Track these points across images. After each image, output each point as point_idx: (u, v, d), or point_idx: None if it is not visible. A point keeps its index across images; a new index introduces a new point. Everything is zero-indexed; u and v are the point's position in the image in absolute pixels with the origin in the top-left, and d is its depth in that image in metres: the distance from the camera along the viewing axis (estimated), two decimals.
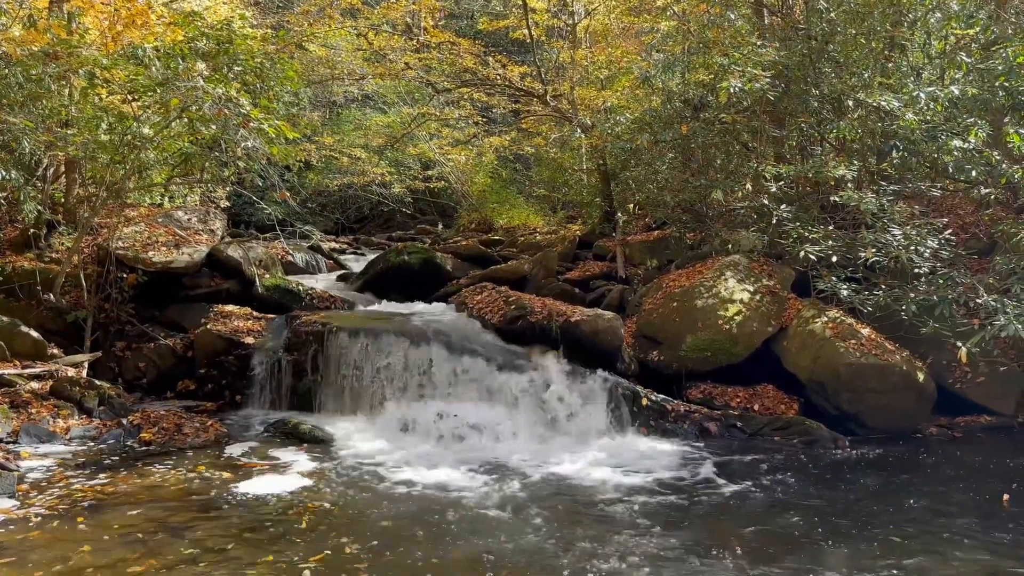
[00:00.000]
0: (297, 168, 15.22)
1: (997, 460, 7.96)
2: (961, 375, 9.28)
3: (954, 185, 10.60)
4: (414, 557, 5.12)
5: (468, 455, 7.71)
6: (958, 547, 5.55)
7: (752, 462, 7.76)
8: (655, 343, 9.95)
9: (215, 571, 4.79)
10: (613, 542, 5.51)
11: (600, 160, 14.28)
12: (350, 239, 19.75)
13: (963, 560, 5.30)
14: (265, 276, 11.27)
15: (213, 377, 9.34)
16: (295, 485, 6.58)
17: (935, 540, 5.67)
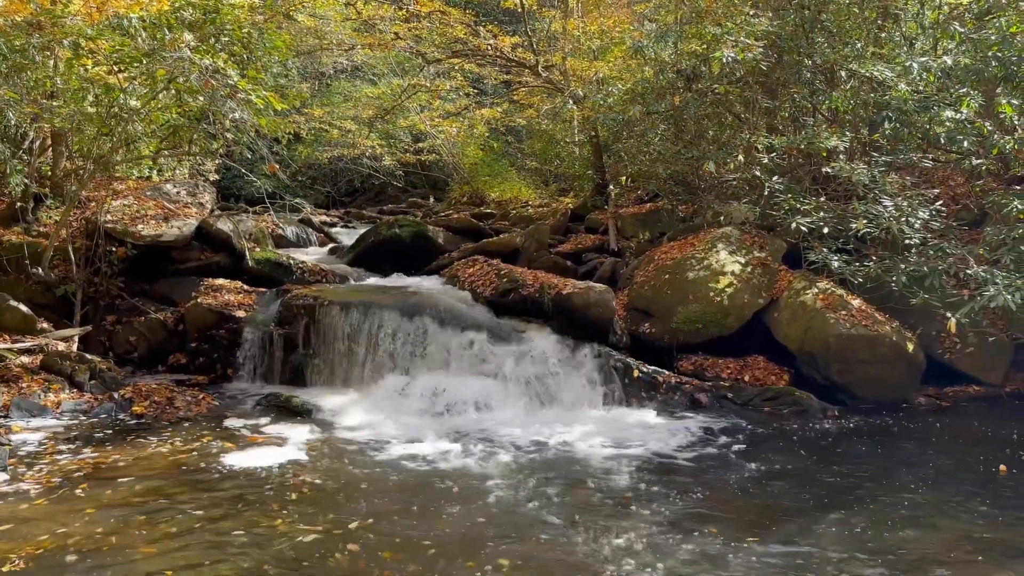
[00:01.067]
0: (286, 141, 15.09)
1: (985, 429, 8.04)
2: (950, 345, 9.33)
3: (946, 156, 10.58)
4: (407, 528, 5.15)
5: (460, 427, 7.74)
6: (946, 515, 5.61)
7: (742, 432, 7.82)
8: (647, 315, 9.97)
9: (207, 543, 4.81)
10: (604, 512, 5.56)
11: (592, 132, 14.19)
12: (341, 212, 19.66)
13: (950, 528, 5.37)
14: (255, 249, 11.22)
15: (204, 351, 9.32)
16: (287, 458, 6.59)
17: (923, 508, 5.74)
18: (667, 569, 4.61)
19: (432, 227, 12.95)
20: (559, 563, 4.67)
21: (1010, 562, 4.78)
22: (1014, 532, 5.26)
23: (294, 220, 14.46)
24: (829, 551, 4.94)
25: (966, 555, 4.89)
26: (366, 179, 22.30)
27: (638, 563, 4.68)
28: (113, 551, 4.64)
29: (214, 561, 4.53)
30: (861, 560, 4.80)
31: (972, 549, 4.98)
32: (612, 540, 5.04)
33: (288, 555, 4.67)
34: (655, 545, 4.96)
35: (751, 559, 4.78)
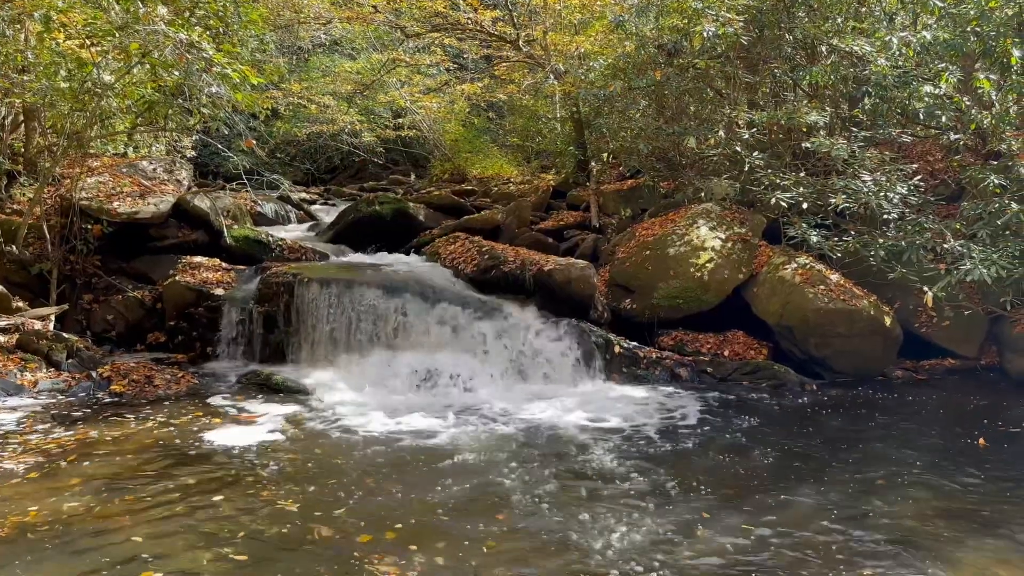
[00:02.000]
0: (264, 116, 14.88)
1: (960, 402, 8.17)
2: (927, 319, 9.45)
3: (924, 131, 10.64)
4: (390, 503, 5.17)
5: (442, 403, 7.76)
6: (921, 486, 5.70)
7: (721, 406, 7.89)
8: (628, 291, 10.00)
9: (189, 520, 4.80)
10: (585, 485, 5.60)
11: (574, 108, 14.14)
12: (321, 190, 19.47)
13: (926, 498, 5.46)
14: (233, 227, 11.12)
15: (183, 329, 9.25)
16: (270, 435, 6.58)
17: (899, 479, 5.83)
18: (642, 539, 4.66)
19: (413, 204, 12.88)
20: (535, 536, 4.70)
21: (984, 530, 4.87)
22: (988, 502, 5.36)
23: (273, 197, 14.31)
24: (805, 521, 5.01)
25: (941, 524, 4.97)
26: (346, 156, 22.09)
27: (612, 535, 4.72)
28: (93, 528, 4.62)
29: (193, 542, 4.52)
30: (837, 529, 4.87)
31: (947, 518, 5.07)
32: (589, 513, 5.07)
33: (267, 531, 4.67)
34: (631, 517, 5.01)
35: (727, 529, 4.84)
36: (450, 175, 18.06)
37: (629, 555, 4.44)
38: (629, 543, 4.60)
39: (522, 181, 15.92)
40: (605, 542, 4.62)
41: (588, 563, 4.35)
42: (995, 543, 4.68)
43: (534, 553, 4.45)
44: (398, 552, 4.39)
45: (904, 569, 4.31)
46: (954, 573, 4.28)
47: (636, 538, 4.68)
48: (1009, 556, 4.49)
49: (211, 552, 4.36)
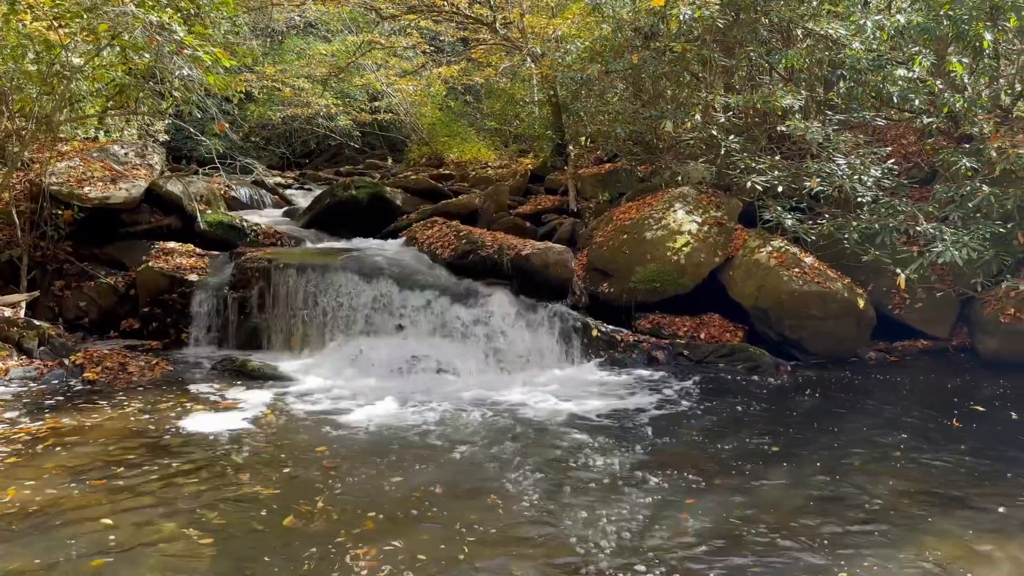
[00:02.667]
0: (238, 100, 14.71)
1: (932, 382, 8.29)
2: (900, 301, 9.56)
3: (898, 115, 10.72)
4: (368, 489, 5.16)
5: (420, 389, 7.74)
6: (894, 465, 5.79)
7: (698, 388, 7.95)
8: (605, 275, 10.02)
9: (163, 508, 4.77)
10: (562, 468, 5.62)
11: (551, 91, 14.08)
12: (296, 174, 19.29)
13: (898, 477, 5.54)
14: (207, 212, 10.99)
15: (157, 315, 9.15)
16: (245, 421, 6.54)
17: (872, 459, 5.91)
18: (619, 519, 4.69)
19: (390, 188, 12.80)
20: (516, 523, 4.72)
21: (958, 509, 4.95)
22: (961, 481, 5.45)
23: (247, 181, 14.15)
24: (782, 501, 5.07)
25: (916, 503, 5.05)
26: (322, 140, 21.90)
27: (592, 519, 4.75)
28: (65, 517, 4.57)
29: (166, 530, 4.49)
30: (814, 509, 4.94)
31: (922, 497, 5.15)
32: (568, 497, 5.10)
33: (241, 518, 4.65)
34: (608, 498, 5.05)
35: (703, 509, 4.88)
36: (427, 159, 17.97)
37: (610, 539, 4.47)
38: (609, 527, 4.63)
39: (500, 165, 15.87)
40: (585, 527, 4.64)
41: (569, 548, 4.37)
42: (969, 521, 4.76)
43: (515, 542, 4.47)
44: (376, 540, 4.39)
45: (880, 548, 4.38)
46: (929, 551, 4.35)
47: (615, 521, 4.71)
48: (983, 534, 4.57)
49: (183, 540, 4.33)
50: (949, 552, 4.35)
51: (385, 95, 18.85)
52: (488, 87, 18.63)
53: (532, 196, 13.68)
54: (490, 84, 18.21)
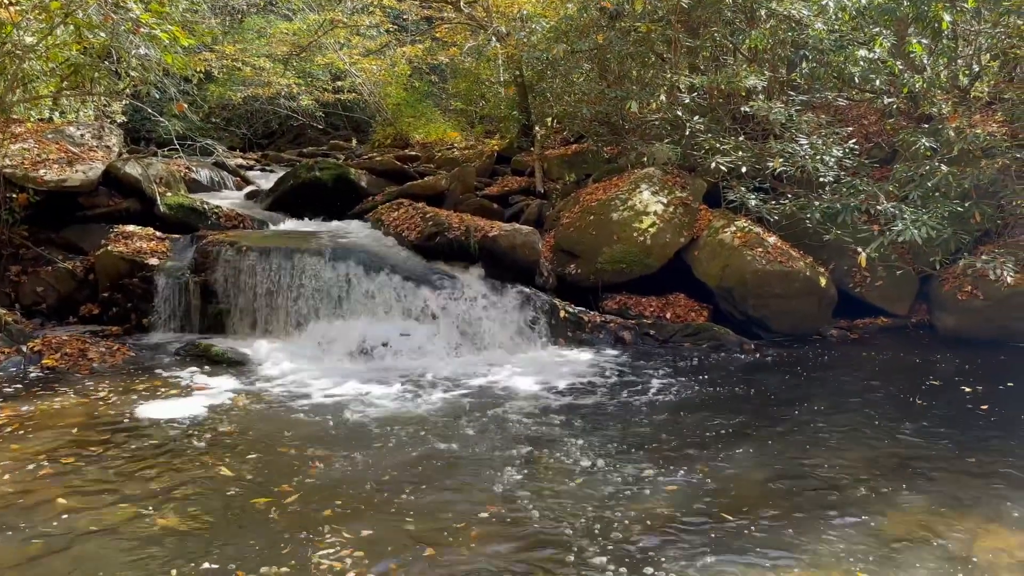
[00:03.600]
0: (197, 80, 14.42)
1: (892, 359, 8.47)
2: (861, 279, 9.73)
3: (859, 95, 10.87)
4: (335, 473, 5.14)
5: (388, 372, 7.71)
6: (855, 439, 5.91)
7: (664, 367, 8.03)
8: (573, 256, 10.05)
9: (125, 495, 4.70)
10: (530, 448, 5.65)
11: (517, 71, 14.00)
12: (258, 155, 18.97)
13: (859, 451, 5.66)
14: (167, 194, 10.78)
15: (118, 300, 8.98)
16: (209, 407, 6.46)
17: (835, 434, 6.03)
18: (586, 498, 4.73)
19: (355, 170, 12.65)
20: (482, 502, 4.73)
21: (917, 483, 5.07)
22: (921, 456, 5.58)
23: (208, 163, 13.89)
24: (744, 477, 5.16)
25: (876, 478, 5.16)
26: (284, 120, 21.56)
27: (560, 497, 4.78)
28: (23, 504, 4.48)
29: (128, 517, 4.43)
30: (775, 484, 5.03)
31: (882, 472, 5.26)
32: (535, 474, 5.13)
33: (206, 503, 4.60)
34: (575, 477, 5.08)
35: (670, 486, 4.94)
36: (392, 140, 17.77)
37: (577, 518, 4.51)
38: (576, 506, 4.67)
39: (466, 146, 15.77)
40: (552, 505, 4.67)
41: (536, 527, 4.40)
42: (927, 495, 4.87)
43: (483, 521, 4.48)
44: (342, 524, 4.38)
45: (841, 522, 4.47)
46: (889, 525, 4.45)
47: (582, 500, 4.75)
48: (940, 507, 4.69)
49: (145, 524, 4.28)
50: (910, 524, 4.45)
51: (348, 75, 18.57)
52: (453, 67, 18.46)
53: (499, 177, 13.62)
54: (455, 64, 18.05)
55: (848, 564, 3.97)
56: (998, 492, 4.90)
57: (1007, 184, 8.96)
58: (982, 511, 4.62)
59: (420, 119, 17.62)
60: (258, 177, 14.82)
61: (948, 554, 4.09)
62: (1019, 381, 7.46)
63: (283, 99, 19.06)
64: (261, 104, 19.69)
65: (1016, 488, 4.95)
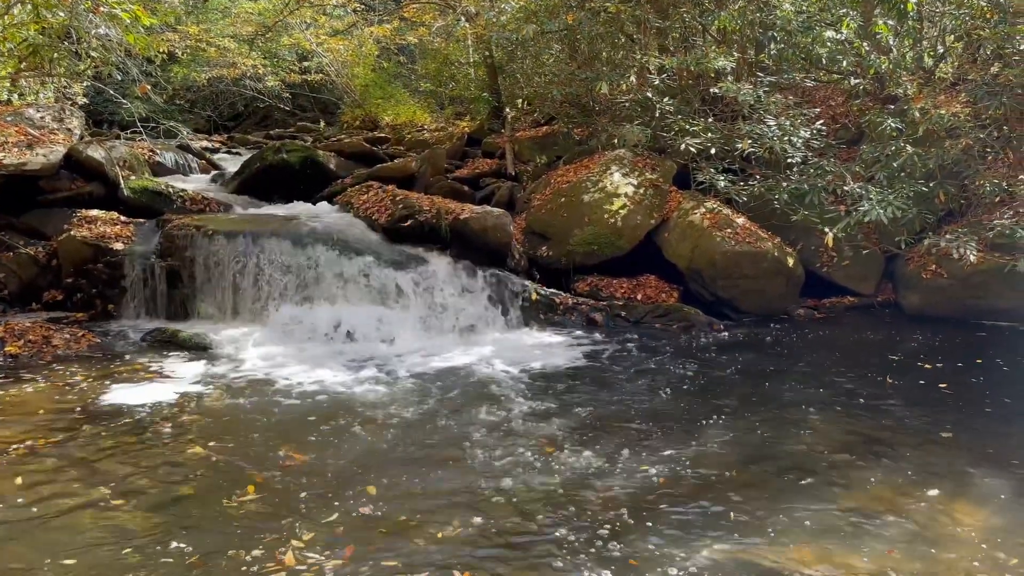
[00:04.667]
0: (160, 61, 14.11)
1: (858, 337, 8.60)
2: (828, 259, 9.85)
3: (827, 76, 10.95)
4: (306, 456, 5.11)
5: (359, 356, 7.67)
6: (821, 418, 6.01)
7: (634, 349, 8.08)
8: (544, 239, 10.05)
9: (90, 480, 4.63)
10: (503, 430, 5.66)
11: (486, 52, 13.91)
12: (224, 138, 18.67)
13: (825, 430, 5.76)
14: (131, 178, 10.57)
15: (82, 286, 8.81)
16: (176, 394, 6.38)
17: (802, 412, 6.12)
18: (557, 479, 4.76)
19: (323, 152, 12.49)
20: (457, 486, 4.74)
21: (882, 460, 5.17)
22: (885, 432, 5.69)
23: (172, 146, 13.63)
24: (712, 455, 5.22)
25: (842, 454, 5.25)
26: (250, 102, 21.23)
27: (529, 476, 4.81)
28: None
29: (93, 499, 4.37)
30: (743, 462, 5.09)
31: (847, 449, 5.36)
32: (505, 458, 5.15)
33: (172, 490, 4.55)
34: (547, 458, 5.11)
35: (639, 466, 4.99)
36: (361, 122, 17.59)
37: (548, 499, 4.53)
38: (547, 487, 4.69)
39: (436, 128, 15.66)
40: (522, 485, 4.69)
41: (509, 508, 4.42)
42: (892, 471, 4.97)
43: (454, 504, 4.49)
44: (310, 513, 4.35)
45: (808, 498, 4.54)
46: (853, 501, 4.53)
47: (552, 479, 4.78)
48: (904, 484, 4.79)
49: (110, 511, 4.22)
50: (875, 499, 4.54)
51: (315, 55, 18.32)
52: (422, 47, 18.29)
53: (469, 160, 13.56)
54: (424, 44, 17.88)
55: (816, 539, 4.04)
56: (960, 467, 5.01)
57: (970, 164, 9.11)
58: (945, 486, 4.72)
59: (389, 101, 17.46)
60: (224, 160, 14.59)
61: (913, 527, 4.18)
62: (981, 358, 7.62)
63: (249, 80, 18.73)
64: (226, 86, 19.35)
65: (978, 463, 5.06)
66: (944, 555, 3.89)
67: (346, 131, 17.22)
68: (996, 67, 9.24)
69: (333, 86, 19.62)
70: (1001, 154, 9.22)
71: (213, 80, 18.45)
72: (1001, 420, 5.93)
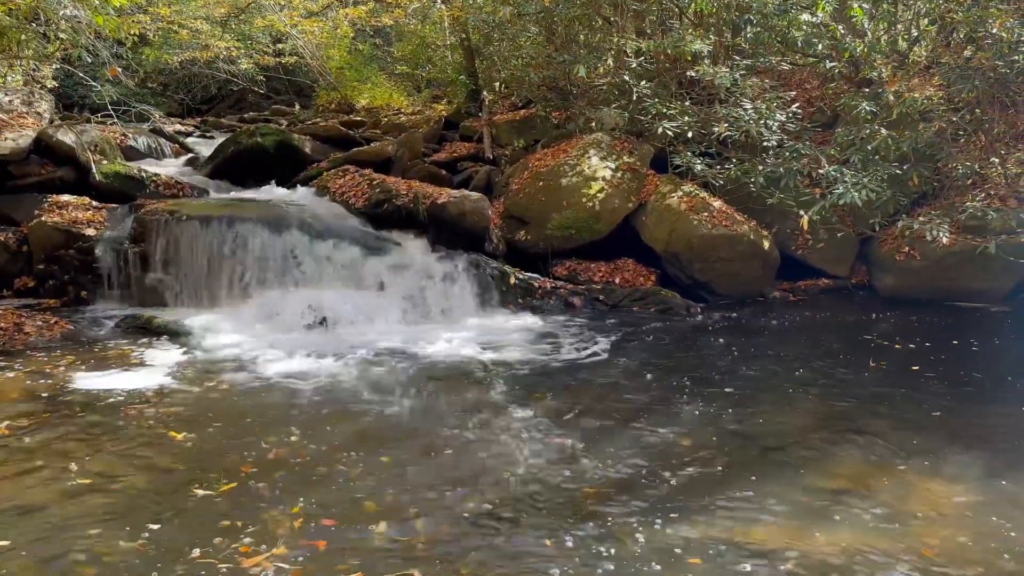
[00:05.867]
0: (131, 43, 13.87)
1: (831, 319, 8.70)
2: (803, 242, 9.93)
3: (802, 59, 10.99)
4: (283, 444, 5.08)
5: (336, 342, 7.63)
6: (797, 399, 6.08)
7: (613, 332, 8.12)
8: (522, 223, 10.04)
9: (59, 469, 4.57)
10: (479, 415, 5.66)
11: (463, 34, 13.81)
12: (197, 121, 18.40)
13: (801, 410, 5.83)
14: (102, 162, 10.41)
15: (54, 272, 8.68)
16: (151, 381, 6.31)
17: (777, 393, 6.18)
18: (537, 461, 4.77)
19: (298, 136, 12.36)
20: (432, 470, 4.75)
21: (857, 439, 5.22)
22: (861, 412, 5.75)
23: (144, 130, 13.42)
24: (688, 437, 5.26)
25: (818, 434, 5.31)
26: (223, 85, 20.93)
27: (509, 457, 4.82)
28: None
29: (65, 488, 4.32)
30: (719, 444, 5.14)
31: (823, 429, 5.42)
32: (481, 441, 5.16)
33: (145, 479, 4.49)
34: (525, 442, 5.11)
35: (615, 448, 5.02)
36: (337, 105, 17.43)
37: (522, 479, 4.54)
38: (521, 467, 4.71)
39: (413, 112, 15.56)
40: (504, 469, 4.71)
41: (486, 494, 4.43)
42: (865, 450, 5.03)
43: (430, 488, 4.49)
44: (283, 492, 4.33)
45: (783, 479, 4.59)
46: (829, 480, 4.59)
47: (528, 461, 4.79)
48: (879, 462, 4.85)
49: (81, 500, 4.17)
50: (847, 479, 4.60)
51: (289, 37, 18.09)
52: (398, 29, 18.11)
53: (447, 143, 13.48)
54: (400, 26, 17.71)
55: (791, 518, 4.09)
56: (932, 446, 5.08)
57: (943, 147, 9.20)
58: (917, 465, 4.80)
59: (365, 83, 17.31)
60: (198, 144, 14.39)
61: (885, 506, 4.24)
62: (952, 339, 7.75)
63: (222, 63, 18.46)
64: (199, 68, 19.06)
65: (950, 442, 5.15)
66: (918, 532, 3.96)
67: (321, 114, 17.04)
68: (969, 50, 9.33)
69: (308, 69, 19.40)
70: (973, 137, 9.33)
71: (185, 63, 18.17)
72: (975, 400, 6.03)
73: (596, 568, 3.58)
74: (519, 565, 3.63)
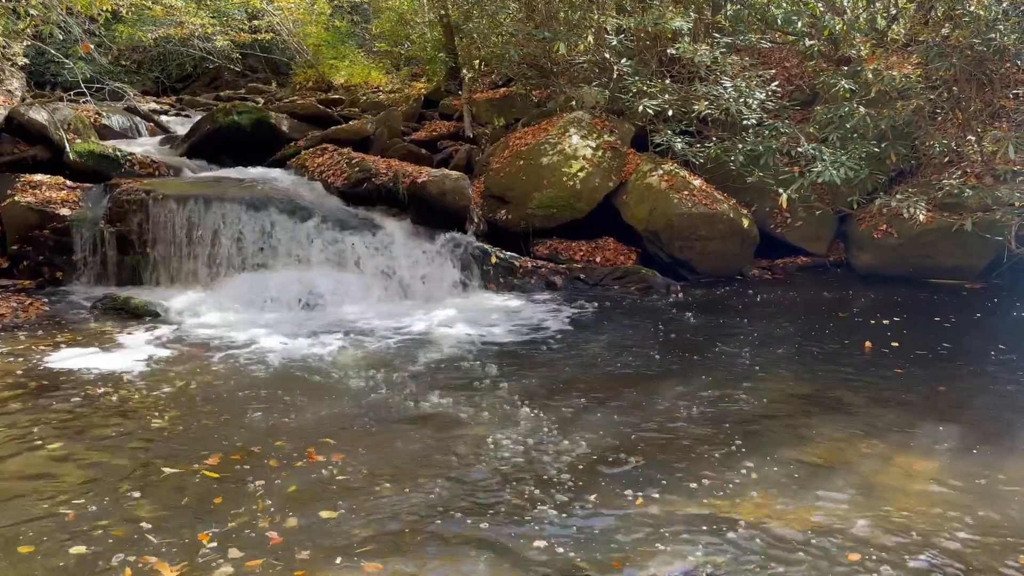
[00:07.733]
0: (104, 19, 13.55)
1: (809, 296, 8.78)
2: (782, 220, 9.99)
3: (782, 37, 10.99)
4: (263, 425, 5.06)
5: (316, 322, 7.60)
6: (776, 375, 6.14)
7: (593, 310, 8.15)
8: (503, 202, 10.01)
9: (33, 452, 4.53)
10: (460, 393, 5.67)
11: (442, 11, 13.66)
12: (172, 99, 18.11)
13: (780, 386, 5.89)
14: (76, 141, 10.24)
15: (28, 253, 8.57)
16: (129, 362, 6.25)
17: (755, 369, 6.25)
18: (519, 438, 4.79)
19: (275, 114, 12.21)
20: (413, 449, 4.75)
21: (834, 413, 5.31)
22: (837, 387, 5.84)
23: (119, 108, 13.21)
24: (670, 412, 5.31)
25: (796, 409, 5.39)
26: (199, 63, 20.58)
27: (492, 436, 4.84)
28: None
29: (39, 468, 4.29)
30: (700, 419, 5.19)
31: (801, 403, 5.50)
32: (464, 418, 5.17)
33: (122, 459, 4.46)
34: (506, 420, 5.13)
35: (596, 424, 5.05)
36: (314, 83, 17.20)
37: (502, 457, 4.56)
38: (505, 451, 4.72)
39: (392, 90, 15.40)
40: (487, 446, 4.72)
41: (458, 469, 4.45)
42: (844, 424, 5.10)
43: (412, 470, 4.50)
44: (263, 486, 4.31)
45: (759, 453, 4.65)
46: (807, 453, 4.66)
47: (507, 439, 4.81)
48: (855, 435, 4.92)
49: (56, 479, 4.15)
50: (825, 454, 4.67)
51: (266, 14, 17.79)
52: (376, 6, 17.88)
53: (427, 122, 13.39)
54: (378, 2, 17.49)
55: (766, 492, 4.14)
56: (908, 421, 5.16)
57: (921, 125, 9.26)
58: (893, 439, 4.87)
59: (342, 61, 17.08)
60: (173, 123, 14.18)
61: (861, 480, 4.31)
62: (928, 315, 7.85)
63: (197, 40, 18.12)
64: (174, 46, 18.72)
65: (925, 417, 5.23)
66: (894, 504, 4.02)
67: (299, 92, 16.82)
68: (947, 28, 9.37)
69: (284, 46, 19.11)
70: (951, 115, 9.39)
71: (160, 40, 17.82)
72: (950, 375, 6.12)
73: (580, 538, 3.61)
74: (501, 530, 3.65)
